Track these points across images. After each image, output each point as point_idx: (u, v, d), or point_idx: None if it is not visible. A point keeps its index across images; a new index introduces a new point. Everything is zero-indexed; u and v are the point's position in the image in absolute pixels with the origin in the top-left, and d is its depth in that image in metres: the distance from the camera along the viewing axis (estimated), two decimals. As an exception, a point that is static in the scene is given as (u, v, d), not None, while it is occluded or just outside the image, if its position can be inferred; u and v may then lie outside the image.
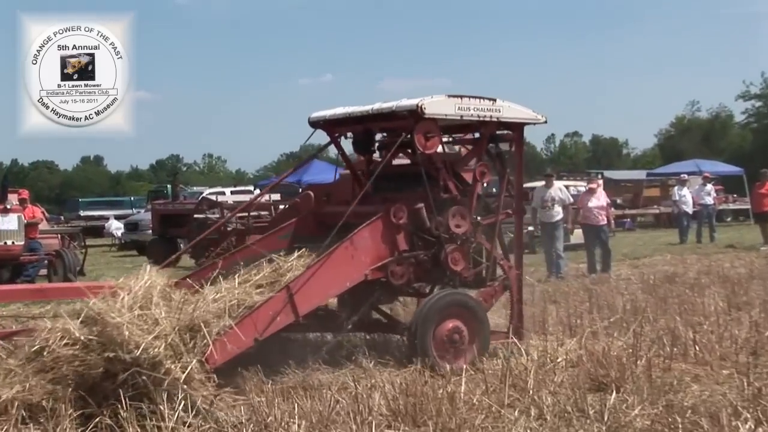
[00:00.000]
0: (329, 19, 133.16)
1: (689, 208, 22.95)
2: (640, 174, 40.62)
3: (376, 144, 8.25)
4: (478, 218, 7.67)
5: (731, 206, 34.82)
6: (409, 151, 7.74)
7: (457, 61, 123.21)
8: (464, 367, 6.67)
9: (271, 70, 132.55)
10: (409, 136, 7.41)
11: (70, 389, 5.41)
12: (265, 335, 6.31)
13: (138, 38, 9.76)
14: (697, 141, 66.26)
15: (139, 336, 5.49)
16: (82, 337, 5.54)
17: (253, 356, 6.73)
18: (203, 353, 5.75)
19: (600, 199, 15.31)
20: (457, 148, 8.62)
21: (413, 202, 7.37)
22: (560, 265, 14.52)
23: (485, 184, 7.91)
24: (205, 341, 5.82)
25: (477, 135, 8.13)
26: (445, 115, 7.42)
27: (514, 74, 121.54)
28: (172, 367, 5.44)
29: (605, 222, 15.26)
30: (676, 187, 24.47)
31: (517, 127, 8.00)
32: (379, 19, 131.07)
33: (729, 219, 33.93)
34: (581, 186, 24.34)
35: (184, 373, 5.45)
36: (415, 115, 7.26)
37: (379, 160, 8.09)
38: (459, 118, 7.51)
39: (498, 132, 7.98)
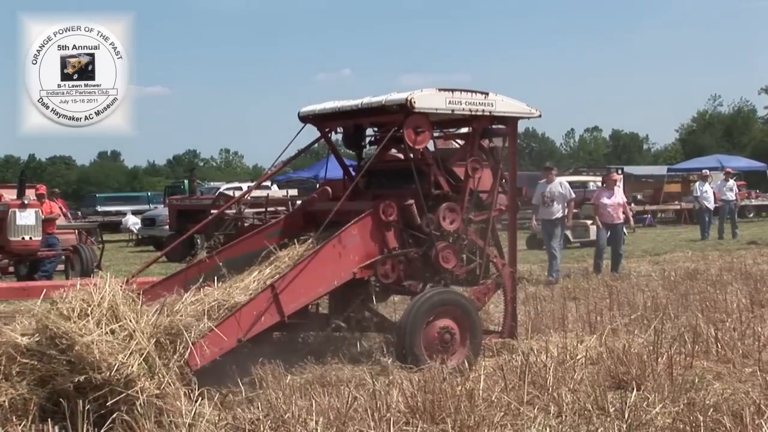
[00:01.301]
0: (348, 13, 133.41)
1: (711, 204, 22.71)
2: (660, 169, 40.33)
3: (367, 139, 8.09)
4: (471, 215, 7.51)
5: (753, 202, 34.62)
6: (402, 146, 7.51)
7: (477, 56, 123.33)
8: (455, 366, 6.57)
9: (289, 65, 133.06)
10: (399, 130, 7.24)
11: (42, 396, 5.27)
12: (249, 335, 6.19)
13: (139, 38, 9.74)
14: (719, 136, 65.85)
15: (110, 355, 5.22)
16: (48, 351, 5.32)
17: (271, 351, 6.70)
18: (183, 358, 5.58)
19: (616, 196, 14.61)
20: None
21: (404, 198, 7.23)
22: (553, 265, 13.68)
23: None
24: (185, 345, 5.63)
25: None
26: (436, 109, 7.28)
27: (534, 69, 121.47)
28: (147, 384, 5.21)
29: (621, 221, 14.51)
30: (697, 183, 24.24)
31: (511, 122, 7.85)
32: (398, 13, 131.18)
33: (751, 215, 33.70)
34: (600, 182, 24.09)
35: (158, 389, 5.22)
36: (405, 109, 7.10)
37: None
38: (450, 112, 7.36)
39: (491, 126, 7.83)
